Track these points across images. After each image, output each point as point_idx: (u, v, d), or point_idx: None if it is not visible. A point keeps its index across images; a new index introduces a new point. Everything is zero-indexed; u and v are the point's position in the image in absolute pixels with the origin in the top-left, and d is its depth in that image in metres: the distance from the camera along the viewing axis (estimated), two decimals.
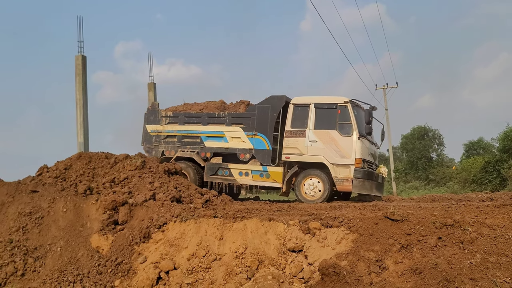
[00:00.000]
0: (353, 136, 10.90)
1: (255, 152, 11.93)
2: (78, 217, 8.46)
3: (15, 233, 8.01)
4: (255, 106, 12.21)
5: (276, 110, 11.85)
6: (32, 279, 7.40)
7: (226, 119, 12.48)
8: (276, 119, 11.86)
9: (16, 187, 9.01)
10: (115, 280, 7.25)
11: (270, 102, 12.00)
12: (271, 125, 11.84)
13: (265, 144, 11.83)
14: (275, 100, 11.98)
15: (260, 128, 11.93)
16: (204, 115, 12.82)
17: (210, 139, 12.65)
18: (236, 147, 12.27)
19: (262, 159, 11.83)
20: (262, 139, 11.87)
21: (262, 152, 11.85)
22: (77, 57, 13.64)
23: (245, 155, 12.08)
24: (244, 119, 12.27)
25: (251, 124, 12.08)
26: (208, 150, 12.63)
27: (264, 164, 11.87)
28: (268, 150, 11.79)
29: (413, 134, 42.84)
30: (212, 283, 6.68)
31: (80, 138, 13.29)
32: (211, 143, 12.64)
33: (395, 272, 5.96)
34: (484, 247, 5.87)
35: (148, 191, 8.87)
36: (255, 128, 11.99)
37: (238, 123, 12.34)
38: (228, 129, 12.40)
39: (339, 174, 10.88)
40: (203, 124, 12.76)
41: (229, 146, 12.38)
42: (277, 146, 11.89)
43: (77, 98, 13.48)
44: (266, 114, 11.90)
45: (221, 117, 12.59)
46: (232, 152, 12.35)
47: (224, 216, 7.86)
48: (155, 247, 7.59)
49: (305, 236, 6.92)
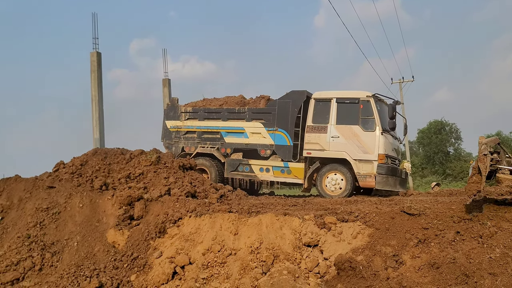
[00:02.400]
0: (376, 131, 10.70)
1: (276, 148, 11.84)
2: (94, 213, 8.53)
3: (32, 229, 8.11)
4: (276, 102, 12.10)
5: (297, 105, 11.73)
6: (50, 274, 7.48)
7: (246, 114, 12.38)
8: (297, 115, 11.74)
9: (34, 183, 9.12)
10: (131, 275, 7.29)
11: (291, 97, 11.88)
12: (292, 121, 11.71)
13: (286, 139, 11.73)
14: (296, 95, 11.86)
15: (281, 124, 11.82)
16: (224, 110, 12.73)
17: (230, 134, 12.58)
18: (256, 143, 12.18)
19: (283, 155, 11.73)
20: (283, 135, 11.77)
21: (283, 148, 11.75)
22: (92, 53, 13.74)
23: (266, 151, 12.00)
24: (264, 115, 12.16)
25: (271, 120, 11.96)
26: (228, 146, 12.58)
27: (285, 160, 11.78)
28: (289, 146, 11.68)
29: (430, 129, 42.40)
30: (227, 278, 6.67)
31: (96, 134, 13.40)
32: (231, 139, 12.57)
33: (412, 267, 5.88)
34: (504, 242, 5.76)
35: (163, 186, 8.89)
36: (275, 123, 11.87)
37: (258, 118, 12.23)
38: (249, 124, 12.30)
39: (361, 170, 10.70)
40: (223, 120, 12.69)
41: (250, 142, 12.29)
42: (298, 142, 11.77)
43: (92, 94, 13.59)
44: (287, 110, 11.78)
45: (241, 112, 12.49)
46: (252, 148, 12.29)
47: (239, 211, 7.84)
48: (171, 242, 7.60)
49: (321, 230, 6.86)
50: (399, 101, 11.54)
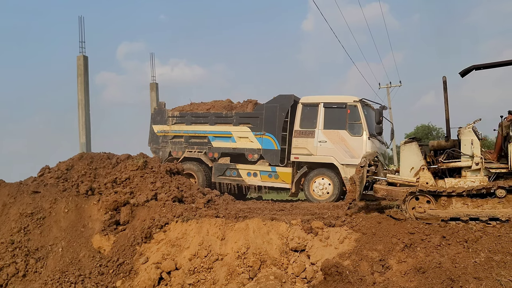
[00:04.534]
0: (363, 136, 10.78)
1: (264, 152, 11.84)
2: (80, 218, 8.43)
3: (16, 234, 7.98)
4: (263, 106, 12.11)
5: (285, 109, 11.76)
6: (34, 280, 7.37)
7: (234, 118, 12.38)
8: (284, 119, 11.77)
9: (18, 188, 8.99)
10: (117, 280, 7.21)
11: (278, 102, 11.91)
12: (279, 125, 11.74)
13: (273, 144, 11.74)
14: (283, 99, 11.90)
15: (268, 128, 11.84)
16: (211, 115, 12.72)
17: (218, 139, 12.56)
18: (244, 147, 12.18)
19: (271, 159, 11.74)
20: (271, 139, 11.79)
21: (271, 152, 11.76)
22: (79, 57, 13.66)
23: (253, 155, 12.00)
24: (252, 119, 12.18)
25: (259, 124, 11.98)
26: (215, 150, 12.55)
27: (273, 164, 11.78)
28: (277, 150, 11.70)
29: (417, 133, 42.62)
30: (214, 283, 6.63)
31: (82, 138, 13.29)
32: (218, 143, 12.55)
33: (399, 271, 5.90)
34: (489, 246, 5.81)
35: (150, 191, 8.83)
36: (263, 127, 11.89)
37: (245, 122, 12.24)
38: (236, 129, 12.30)
39: (349, 175, 10.71)
40: (210, 124, 12.67)
41: (237, 146, 12.29)
42: (285, 146, 11.79)
43: (79, 98, 13.50)
44: (274, 114, 11.81)
45: (228, 117, 12.49)
46: (240, 152, 12.27)
47: (226, 216, 7.80)
48: (157, 247, 7.54)
49: (308, 235, 6.85)
50: (386, 106, 11.63)
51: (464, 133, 6.96)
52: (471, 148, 6.82)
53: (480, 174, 6.77)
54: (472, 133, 6.90)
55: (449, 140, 7.14)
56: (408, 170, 7.21)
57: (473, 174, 6.81)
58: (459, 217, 6.42)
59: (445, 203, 6.61)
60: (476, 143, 6.82)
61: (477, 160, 6.75)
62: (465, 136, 6.93)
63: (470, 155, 6.81)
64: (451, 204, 6.58)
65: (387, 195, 7.19)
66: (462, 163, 6.90)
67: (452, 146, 7.11)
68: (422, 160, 7.11)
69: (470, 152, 6.82)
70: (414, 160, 7.16)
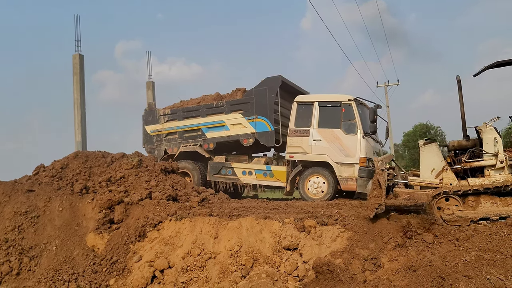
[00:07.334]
0: (357, 134, 10.77)
1: (258, 136, 11.86)
2: (74, 216, 8.43)
3: (10, 233, 7.99)
4: (252, 91, 12.18)
5: (274, 90, 11.82)
6: (27, 278, 7.38)
7: (225, 107, 12.41)
8: (274, 100, 11.83)
9: (12, 187, 8.99)
10: (110, 279, 7.23)
11: (266, 84, 11.97)
12: (270, 107, 11.79)
13: (267, 126, 11.78)
14: (271, 81, 11.95)
15: (260, 111, 11.87)
16: (202, 107, 12.76)
17: (211, 129, 12.58)
18: (238, 134, 12.19)
19: (266, 141, 11.77)
20: (264, 122, 11.82)
21: (265, 134, 11.79)
22: (74, 56, 13.65)
23: (248, 139, 12.00)
24: (243, 105, 12.21)
25: (250, 109, 12.01)
26: (210, 141, 12.58)
27: (269, 145, 11.88)
28: (271, 131, 11.74)
29: (415, 132, 42.63)
30: (206, 282, 6.65)
31: (78, 137, 13.29)
32: (212, 134, 12.57)
33: (390, 269, 5.92)
34: (479, 245, 5.85)
35: (144, 189, 8.84)
36: (255, 111, 11.92)
37: (237, 109, 12.27)
38: (228, 117, 12.33)
39: (343, 173, 10.74)
40: (202, 116, 12.70)
41: (231, 134, 12.29)
42: (279, 126, 11.85)
43: (74, 97, 13.50)
44: (264, 96, 11.86)
45: (219, 106, 12.52)
46: (234, 139, 12.29)
47: (220, 215, 7.82)
48: (150, 245, 7.56)
49: (300, 234, 6.87)
50: (380, 105, 11.62)
51: (486, 132, 6.85)
52: (494, 146, 6.72)
53: (504, 172, 6.66)
54: (494, 131, 6.80)
55: (469, 139, 7.06)
56: (428, 172, 7.12)
57: (496, 173, 6.70)
58: (489, 217, 6.29)
59: (473, 203, 6.44)
60: (500, 141, 6.71)
61: (502, 158, 6.65)
62: (487, 134, 6.82)
63: (494, 153, 6.72)
64: (480, 204, 6.41)
65: (410, 198, 7.01)
66: (485, 161, 6.80)
67: (473, 145, 7.01)
68: (443, 161, 7.02)
69: (493, 151, 6.72)
70: (435, 161, 7.06)
